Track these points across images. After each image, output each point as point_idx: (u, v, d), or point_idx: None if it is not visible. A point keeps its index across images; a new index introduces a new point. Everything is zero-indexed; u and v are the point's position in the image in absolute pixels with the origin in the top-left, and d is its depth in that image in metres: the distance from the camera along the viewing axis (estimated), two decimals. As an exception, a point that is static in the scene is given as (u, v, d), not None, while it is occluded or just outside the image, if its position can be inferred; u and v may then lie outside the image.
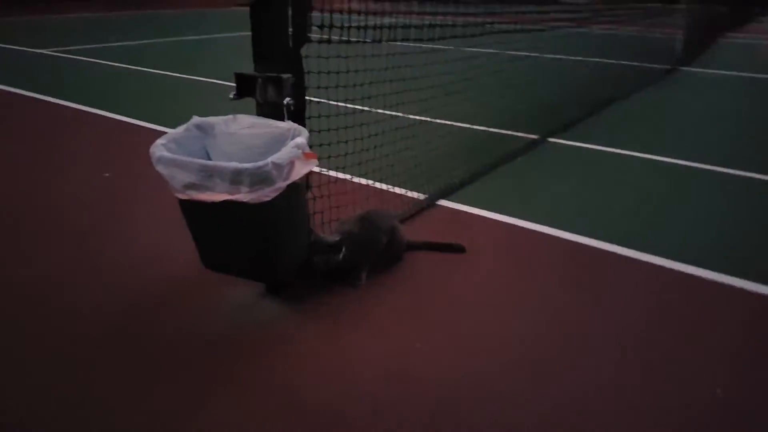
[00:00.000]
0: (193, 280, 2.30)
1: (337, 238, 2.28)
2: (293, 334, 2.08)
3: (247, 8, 1.96)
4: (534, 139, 4.54)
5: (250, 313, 2.21)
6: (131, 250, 2.63)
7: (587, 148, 4.44)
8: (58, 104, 5.28)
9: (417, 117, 3.73)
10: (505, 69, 4.73)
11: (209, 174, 1.78)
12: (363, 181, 3.19)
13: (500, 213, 3.15)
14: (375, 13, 2.76)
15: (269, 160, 1.76)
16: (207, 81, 6.59)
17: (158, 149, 1.87)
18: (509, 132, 4.55)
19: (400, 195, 3.20)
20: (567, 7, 5.91)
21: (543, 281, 2.51)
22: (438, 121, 3.85)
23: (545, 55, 7.01)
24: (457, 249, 2.72)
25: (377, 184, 3.20)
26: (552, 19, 5.38)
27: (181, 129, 2.02)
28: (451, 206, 3.25)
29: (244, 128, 2.04)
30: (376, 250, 2.45)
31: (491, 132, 4.35)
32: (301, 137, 1.90)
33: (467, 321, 2.19)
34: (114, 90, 6.08)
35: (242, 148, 2.00)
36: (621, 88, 6.38)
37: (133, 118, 4.77)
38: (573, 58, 8.06)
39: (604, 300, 2.37)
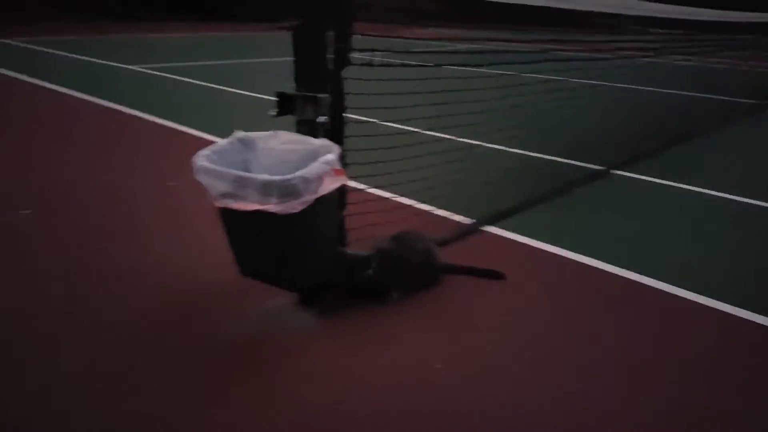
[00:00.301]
0: (237, 287, 2.39)
1: (366, 255, 2.33)
2: (317, 344, 2.15)
3: (289, 32, 2.08)
4: (597, 171, 4.43)
5: (281, 321, 2.29)
6: (182, 254, 2.78)
7: (653, 183, 4.27)
8: (142, 118, 5.68)
9: (470, 141, 3.74)
10: (575, 97, 4.65)
11: (242, 184, 1.89)
12: (406, 201, 3.24)
13: (548, 243, 3.09)
14: (436, 39, 2.82)
15: (297, 174, 1.85)
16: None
17: (200, 159, 2.00)
18: (570, 161, 4.46)
19: (444, 218, 3.22)
20: (643, 36, 5.75)
21: (581, 315, 2.43)
22: (492, 146, 3.84)
23: (617, 85, 6.82)
24: (496, 276, 2.69)
25: (420, 206, 3.23)
26: (626, 48, 5.26)
27: (224, 142, 2.15)
28: (497, 233, 3.23)
29: (281, 144, 2.15)
30: (408, 269, 2.48)
31: (550, 160, 4.28)
32: (332, 154, 1.98)
33: (494, 349, 2.17)
34: (196, 106, 6.47)
35: (278, 162, 2.10)
36: (700, 123, 6.10)
37: (208, 132, 5.05)
38: (648, 89, 7.79)
39: (646, 339, 2.27)
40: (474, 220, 3.28)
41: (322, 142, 2.08)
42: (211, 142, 2.23)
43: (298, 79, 2.15)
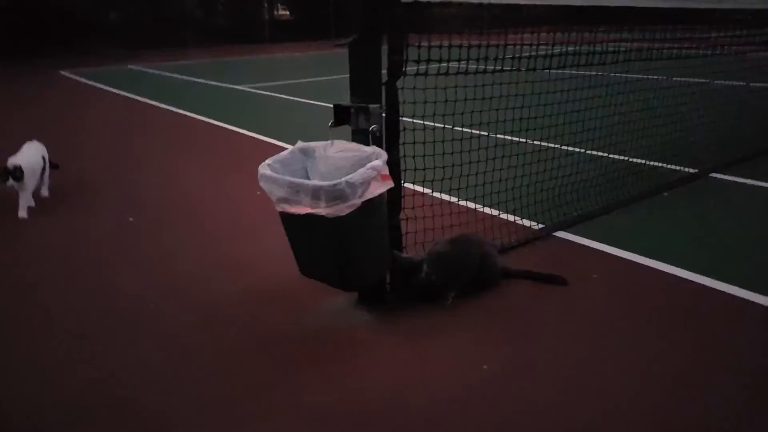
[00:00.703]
0: (304, 286, 2.57)
1: (419, 259, 2.42)
2: (370, 339, 2.27)
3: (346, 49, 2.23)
4: (690, 173, 4.20)
5: (340, 317, 2.44)
6: (259, 255, 3.02)
7: (754, 186, 3.98)
8: (234, 131, 6.12)
9: (545, 143, 3.69)
10: (666, 96, 4.42)
11: (296, 190, 2.06)
12: (471, 205, 3.31)
13: (623, 249, 3.00)
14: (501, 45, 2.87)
15: (343, 179, 1.99)
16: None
17: (263, 168, 2.20)
18: (661, 164, 4.25)
19: (511, 222, 3.22)
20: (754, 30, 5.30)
21: (646, 324, 2.35)
22: (571, 148, 3.74)
23: (725, 82, 6.31)
24: (558, 281, 2.66)
25: (486, 210, 3.25)
26: (734, 43, 4.90)
27: (286, 152, 2.34)
28: (569, 238, 3.18)
29: (337, 152, 2.30)
30: (464, 272, 2.53)
31: (637, 163, 4.10)
32: (379, 160, 2.09)
33: (546, 353, 2.17)
34: (287, 120, 6.85)
35: (333, 169, 2.25)
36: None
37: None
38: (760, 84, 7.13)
39: (713, 349, 2.16)
40: (543, 225, 3.25)
41: (372, 149, 2.21)
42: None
43: (353, 91, 2.30)
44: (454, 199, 3.19)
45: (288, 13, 23.66)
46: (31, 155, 3.82)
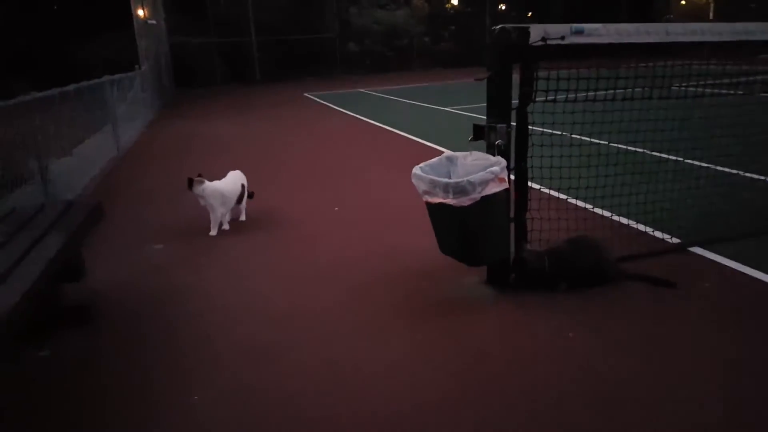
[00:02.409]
0: (449, 266, 3.28)
1: (540, 252, 2.98)
2: (489, 309, 2.93)
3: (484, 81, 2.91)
4: None
5: (471, 290, 3.12)
6: (414, 243, 3.81)
7: None
8: (423, 144, 7.02)
9: (699, 163, 3.89)
10: None
11: (434, 185, 2.80)
12: (606, 213, 3.72)
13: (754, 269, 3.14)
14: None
15: (466, 178, 2.67)
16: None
17: (415, 169, 2.97)
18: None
19: (643, 232, 3.54)
20: None
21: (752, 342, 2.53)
22: (728, 170, 3.81)
23: None
24: (668, 284, 2.99)
25: (618, 218, 3.62)
26: None
27: (436, 159, 3.09)
28: (705, 255, 3.38)
29: (473, 160, 2.97)
30: (575, 268, 3.01)
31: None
32: (497, 167, 2.73)
33: (631, 348, 2.58)
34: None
35: (467, 172, 2.93)
36: None
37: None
38: None
39: None
40: (680, 240, 3.50)
41: (497, 159, 2.84)
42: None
43: (489, 113, 2.96)
44: (589, 206, 3.64)
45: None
46: (230, 182, 4.29)
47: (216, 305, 3.13)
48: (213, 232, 4.17)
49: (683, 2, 28.67)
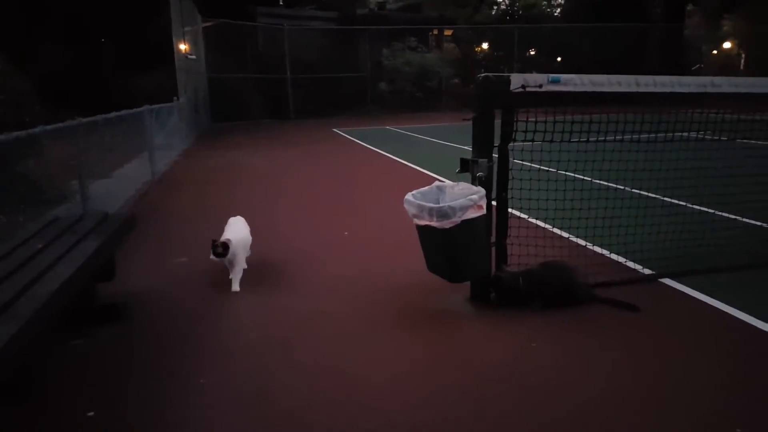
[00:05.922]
0: (434, 284, 3.65)
1: (517, 273, 3.33)
2: (467, 319, 3.30)
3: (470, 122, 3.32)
4: None
5: (454, 304, 3.48)
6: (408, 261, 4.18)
7: None
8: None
9: (675, 201, 4.22)
10: None
11: (421, 209, 3.19)
12: (581, 242, 4.07)
13: (728, 305, 3.37)
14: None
15: (447, 204, 3.06)
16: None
17: (407, 196, 3.37)
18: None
19: (617, 262, 3.86)
20: None
21: (707, 370, 2.74)
22: (703, 209, 4.15)
23: None
24: (631, 307, 3.30)
25: (594, 247, 3.95)
26: None
27: (427, 187, 3.49)
28: (673, 285, 3.67)
29: (459, 189, 3.36)
30: (548, 288, 3.34)
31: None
32: (476, 195, 3.13)
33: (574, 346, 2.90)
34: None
35: (453, 200, 3.32)
36: None
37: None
38: None
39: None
40: (653, 272, 3.80)
41: (478, 189, 3.23)
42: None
43: (474, 149, 3.36)
44: (565, 235, 3.99)
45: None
46: (242, 228, 4.12)
47: (228, 311, 3.54)
48: (236, 288, 3.80)
49: (715, 52, 28.92)
